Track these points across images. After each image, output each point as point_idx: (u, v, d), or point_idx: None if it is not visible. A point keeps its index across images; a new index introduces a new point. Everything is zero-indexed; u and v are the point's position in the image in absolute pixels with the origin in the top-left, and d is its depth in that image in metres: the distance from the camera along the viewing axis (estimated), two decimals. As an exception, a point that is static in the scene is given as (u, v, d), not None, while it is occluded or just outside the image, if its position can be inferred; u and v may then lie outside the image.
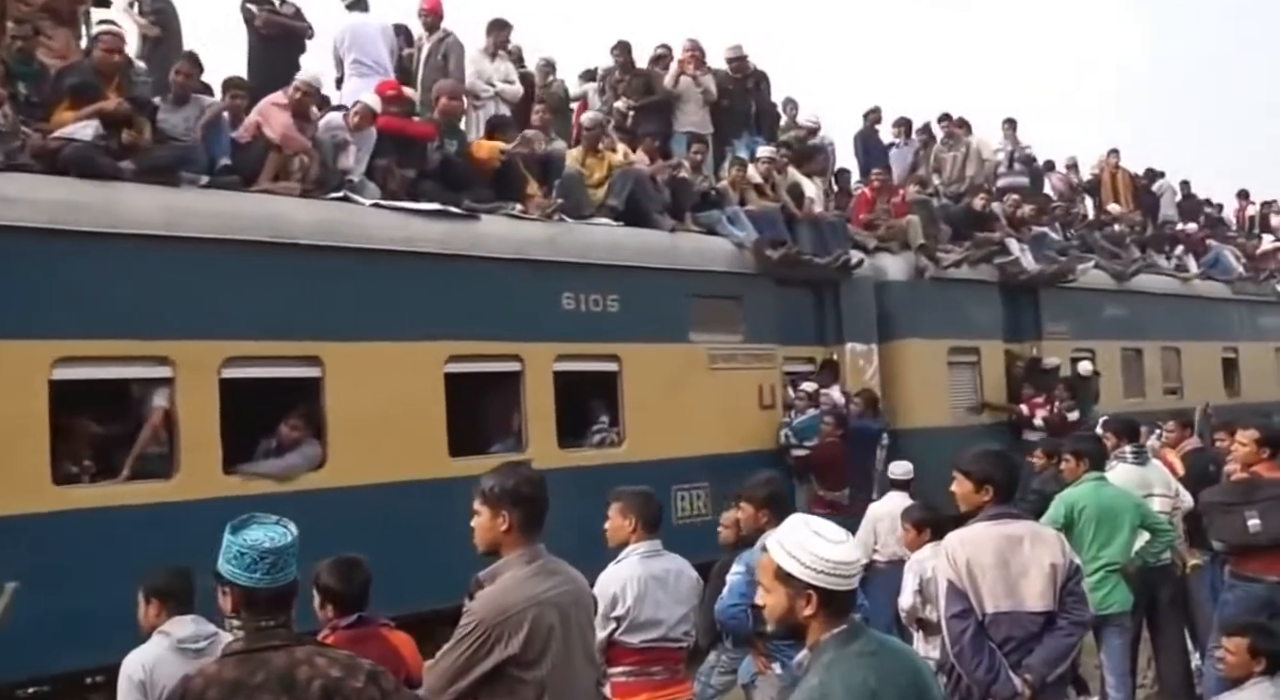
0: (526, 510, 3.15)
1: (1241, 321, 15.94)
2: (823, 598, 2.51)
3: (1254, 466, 5.91)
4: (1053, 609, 3.98)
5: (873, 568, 6.78)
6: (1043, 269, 11.85)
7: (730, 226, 8.97)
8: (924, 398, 10.60)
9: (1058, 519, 5.69)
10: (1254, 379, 15.78)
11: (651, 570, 4.35)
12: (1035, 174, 15.27)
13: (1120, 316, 13.47)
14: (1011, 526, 4.06)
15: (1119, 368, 13.28)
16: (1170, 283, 14.66)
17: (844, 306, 9.77)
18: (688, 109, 9.85)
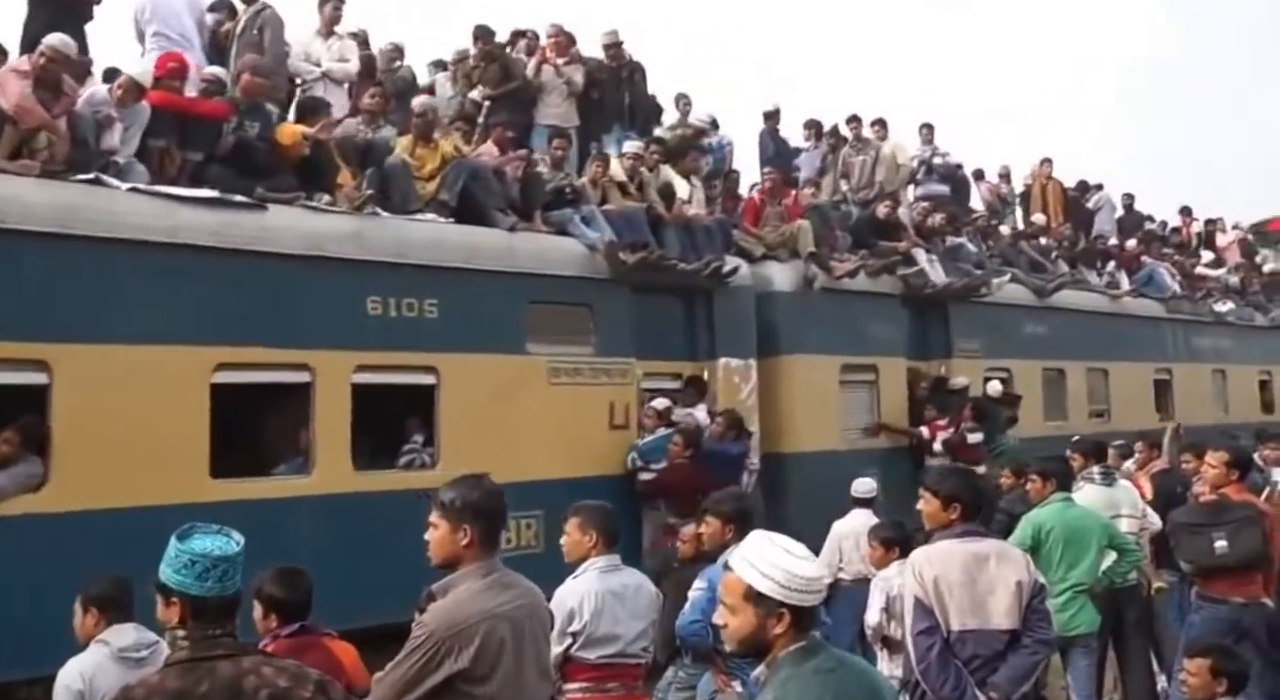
0: (488, 524, 3.16)
1: (1176, 342, 15.22)
2: (794, 615, 2.50)
3: (1223, 488, 5.99)
4: (1018, 627, 4.01)
5: (837, 586, 6.74)
6: (951, 282, 11.07)
7: (583, 227, 8.12)
8: (811, 419, 9.76)
9: (1025, 540, 5.68)
10: (1188, 402, 15.04)
11: (609, 585, 4.35)
12: (961, 182, 14.56)
13: (1041, 335, 12.70)
14: (978, 544, 4.11)
15: (1039, 389, 12.51)
16: (1098, 300, 13.92)
17: (717, 318, 8.93)
18: (550, 100, 9.04)
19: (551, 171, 8.56)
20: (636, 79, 9.64)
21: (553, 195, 8.32)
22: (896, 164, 12.59)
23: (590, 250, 8.06)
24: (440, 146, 7.74)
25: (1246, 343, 16.98)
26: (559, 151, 8.59)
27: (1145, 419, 14.17)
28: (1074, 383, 13.09)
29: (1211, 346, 16.11)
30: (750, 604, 2.52)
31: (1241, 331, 16.91)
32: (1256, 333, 17.38)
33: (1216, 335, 16.29)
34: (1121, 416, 13.62)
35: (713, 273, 8.63)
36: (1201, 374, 15.69)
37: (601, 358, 8.05)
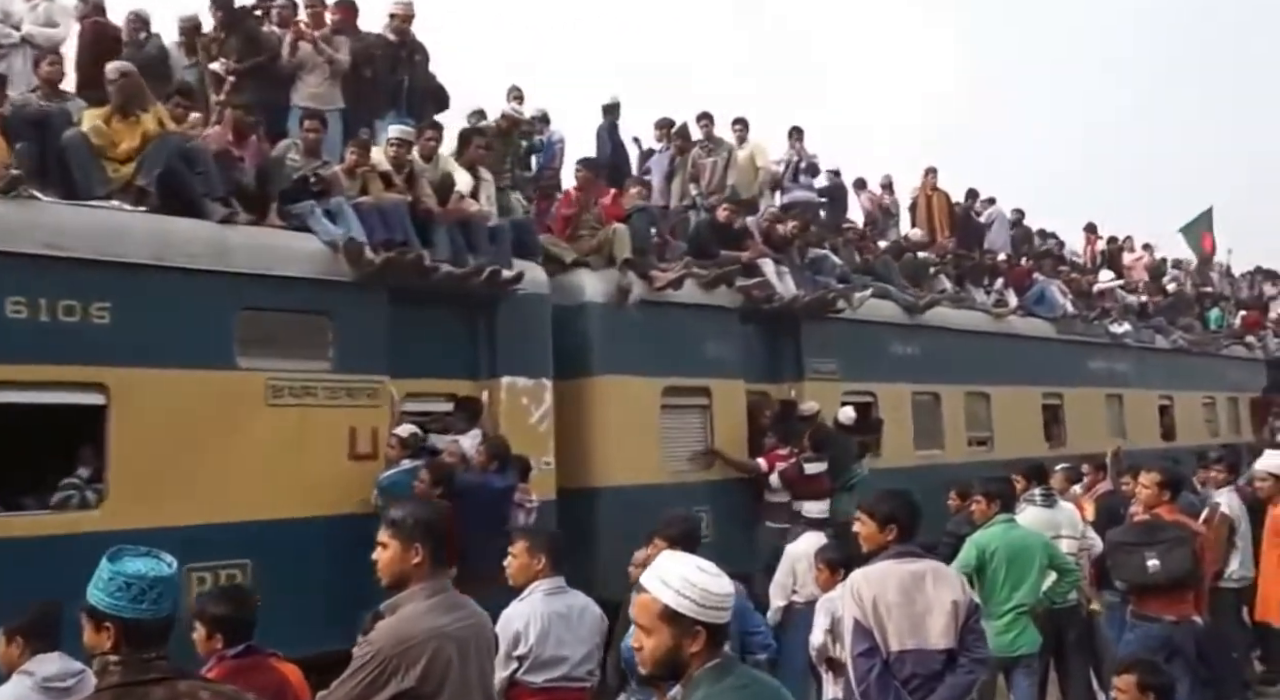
0: (438, 543, 3.20)
1: (1067, 364, 14.31)
2: (709, 633, 2.51)
3: (1156, 509, 6.19)
4: (954, 647, 4.05)
5: (791, 608, 6.81)
6: (798, 296, 9.98)
7: (325, 221, 6.89)
8: (627, 448, 8.57)
9: (969, 561, 5.80)
10: (1080, 428, 14.12)
11: (555, 608, 4.36)
12: (838, 191, 13.56)
13: (912, 355, 11.66)
14: (914, 564, 4.15)
15: (909, 415, 11.46)
16: (979, 318, 12.95)
17: (500, 331, 7.72)
18: (309, 79, 7.82)
19: (305, 159, 7.33)
20: (417, 60, 8.43)
21: (296, 185, 7.08)
22: (755, 167, 11.52)
23: (331, 248, 6.84)
24: (142, 123, 6.48)
25: (1146, 366, 16.15)
26: (311, 135, 7.36)
27: (1032, 446, 13.18)
28: (951, 408, 12.06)
29: (1107, 370, 15.24)
30: (666, 624, 2.52)
31: (1141, 354, 16.09)
32: (1157, 355, 16.57)
33: (1113, 358, 15.43)
34: (1006, 444, 12.62)
35: (491, 279, 7.43)
36: (1095, 399, 14.78)
37: (342, 374, 6.80)
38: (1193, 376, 17.50)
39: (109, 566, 2.59)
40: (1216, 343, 18.22)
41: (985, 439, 12.67)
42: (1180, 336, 17.30)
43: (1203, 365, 17.93)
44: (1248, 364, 19.53)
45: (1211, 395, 18.01)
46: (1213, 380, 18.14)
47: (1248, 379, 19.32)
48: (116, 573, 2.57)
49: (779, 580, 7.01)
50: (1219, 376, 18.38)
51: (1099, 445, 14.45)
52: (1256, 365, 19.79)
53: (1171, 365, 16.93)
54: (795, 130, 12.45)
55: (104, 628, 2.56)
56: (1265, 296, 22.61)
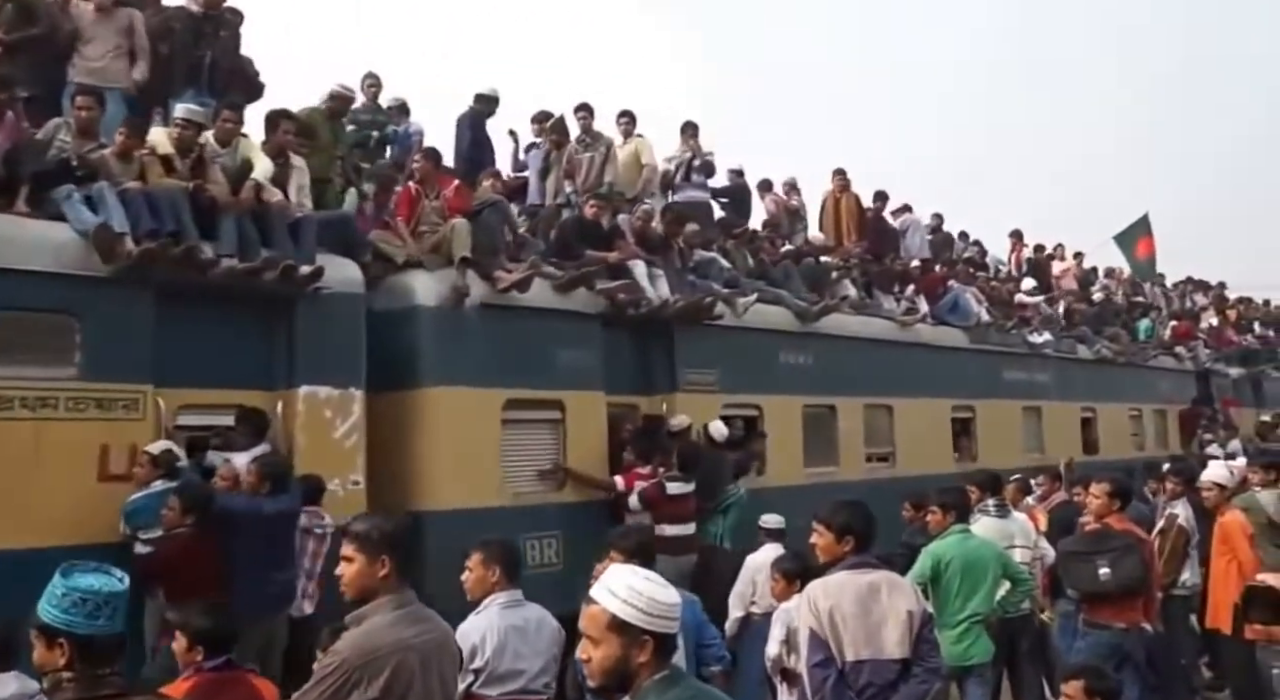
0: (404, 555, 3.20)
1: (980, 375, 13.65)
2: (656, 642, 2.52)
3: (1106, 518, 6.30)
4: (909, 656, 4.09)
5: (749, 619, 6.89)
6: (668, 300, 9.20)
7: (81, 208, 6.01)
8: (461, 467, 7.74)
9: (925, 572, 5.86)
10: (995, 442, 13.46)
11: (511, 621, 4.37)
12: (740, 191, 12.82)
13: (804, 365, 10.92)
14: (870, 575, 4.20)
15: (799, 429, 10.72)
16: (883, 327, 12.25)
17: (300, 335, 6.86)
18: (87, 52, 6.96)
19: (79, 141, 6.46)
20: (224, 36, 7.55)
21: (58, 169, 6.21)
22: (640, 164, 10.75)
23: (84, 238, 5.96)
24: None
25: (1067, 377, 15.56)
26: (84, 114, 6.49)
27: (939, 461, 12.52)
28: (848, 421, 11.33)
29: (1025, 381, 14.61)
30: (614, 634, 2.52)
31: (1062, 365, 15.49)
32: (1079, 366, 16.00)
33: (1031, 368, 14.81)
34: (910, 459, 11.94)
35: (285, 275, 6.58)
36: (1011, 411, 14.14)
37: (90, 383, 5.92)
38: (1118, 388, 16.94)
39: (62, 582, 2.59)
40: (1143, 354, 17.69)
41: (887, 455, 11.97)
42: (1105, 347, 16.75)
43: (1129, 376, 17.39)
44: (1177, 375, 19.05)
45: (1138, 407, 17.47)
46: (1140, 392, 17.60)
47: (1177, 390, 18.83)
48: (70, 588, 2.57)
49: (738, 590, 7.06)
50: (1146, 388, 17.86)
51: (1014, 460, 13.82)
52: (1186, 377, 19.33)
53: (1095, 376, 16.37)
54: (689, 126, 11.70)
55: (57, 644, 2.57)
56: (1196, 307, 22.22)
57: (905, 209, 15.36)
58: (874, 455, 11.80)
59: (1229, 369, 20.97)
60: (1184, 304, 21.91)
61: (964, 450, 13.25)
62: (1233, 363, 21.22)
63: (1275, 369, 22.49)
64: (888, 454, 11.98)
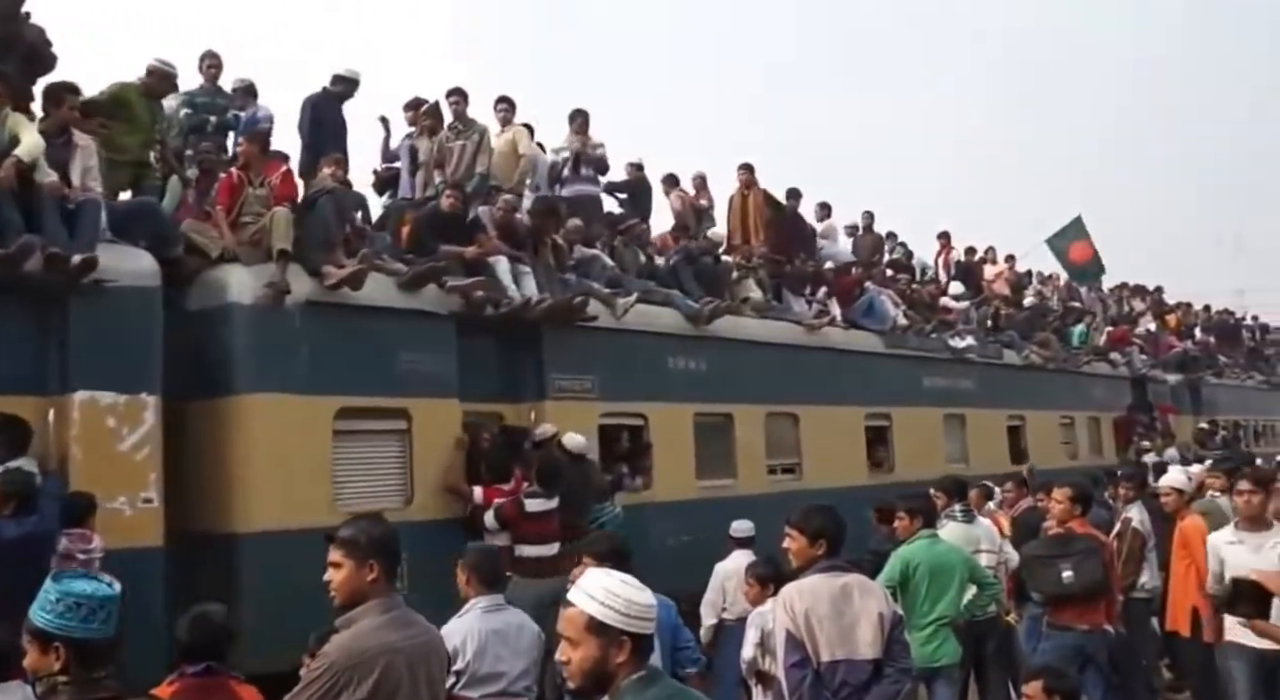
0: (391, 560, 3.23)
1: (897, 381, 13.03)
2: (634, 643, 2.56)
3: (1068, 523, 6.47)
4: (880, 657, 4.19)
5: (722, 626, 7.01)
6: (531, 299, 8.45)
7: None
8: (280, 483, 6.92)
9: (893, 576, 5.96)
10: (913, 451, 12.83)
11: (492, 624, 4.49)
12: (640, 186, 12.12)
13: (697, 371, 10.22)
14: (842, 578, 4.29)
15: (690, 438, 10.01)
16: (787, 330, 11.57)
17: (75, 333, 6.03)
18: None
19: None
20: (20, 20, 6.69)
21: None
22: (517, 155, 10.01)
23: None
24: None
25: (994, 384, 14.99)
26: None
27: (852, 472, 11.89)
28: (747, 431, 10.63)
29: (947, 387, 14.02)
30: (592, 635, 2.56)
31: (988, 371, 14.92)
32: (1007, 372, 15.44)
33: (954, 375, 14.21)
34: (819, 471, 11.27)
35: (51, 265, 5.76)
36: (931, 419, 13.53)
37: None
38: (1049, 395, 16.42)
39: (55, 588, 2.67)
40: (1076, 359, 17.18)
41: (793, 466, 11.29)
42: (1034, 352, 16.22)
43: (1061, 383, 16.88)
44: (1112, 382, 18.58)
45: (1070, 414, 16.96)
46: (1072, 399, 17.10)
47: (1111, 397, 18.36)
48: (65, 593, 2.66)
49: (709, 598, 7.16)
50: (1079, 395, 17.36)
51: (936, 469, 13.18)
52: (1121, 383, 18.86)
53: (1024, 383, 15.82)
54: (577, 114, 10.98)
55: (53, 649, 2.64)
56: (1134, 312, 21.82)
57: (824, 209, 14.78)
58: (778, 467, 11.10)
59: (1166, 375, 20.56)
60: (1121, 309, 21.51)
61: (880, 460, 12.62)
62: (1170, 369, 20.83)
63: (1214, 375, 22.15)
64: (793, 465, 11.29)
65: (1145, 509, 7.85)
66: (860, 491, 11.85)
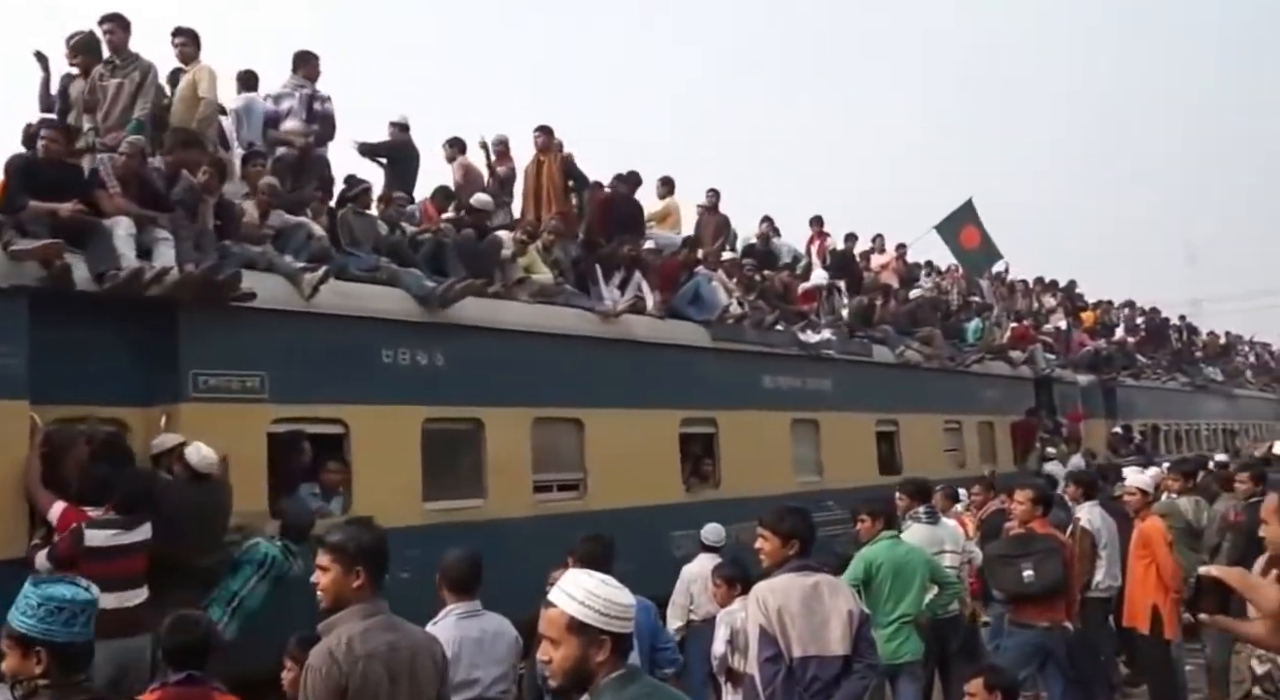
0: (379, 565, 3.33)
1: (729, 380, 11.14)
2: (614, 642, 2.62)
3: (1029, 523, 6.75)
4: (849, 653, 4.35)
5: (690, 626, 7.34)
6: (146, 271, 6.43)
7: None
8: None
9: (857, 575, 6.18)
10: (749, 462, 10.95)
11: (467, 631, 4.56)
12: (403, 150, 10.17)
13: (429, 367, 8.23)
14: (812, 577, 4.45)
15: (417, 449, 8.03)
16: (570, 318, 9.62)
17: None
18: None
19: None
20: None
21: None
22: (197, 97, 8.00)
23: None
24: None
25: (858, 384, 13.15)
26: None
27: (661, 490, 9.98)
28: (505, 440, 8.67)
29: (796, 388, 12.14)
30: (572, 635, 2.61)
31: (851, 370, 13.06)
32: (876, 371, 13.60)
33: (807, 373, 12.33)
34: (611, 488, 9.33)
35: None
36: (773, 424, 11.64)
37: None
38: (931, 396, 14.60)
39: (35, 592, 2.77)
40: (964, 357, 15.38)
41: (574, 482, 9.35)
42: (915, 349, 14.41)
43: (947, 383, 15.08)
44: (1011, 383, 16.81)
45: (956, 419, 15.13)
46: (960, 401, 15.29)
47: (1009, 400, 16.57)
48: (46, 598, 2.75)
49: (676, 601, 7.45)
50: (969, 397, 15.56)
51: (782, 482, 11.40)
52: (1023, 384, 17.10)
53: (899, 383, 13.99)
54: (303, 57, 9.00)
55: (34, 653, 2.73)
56: (1045, 309, 20.12)
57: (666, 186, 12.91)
58: (552, 483, 9.16)
59: (1077, 376, 18.86)
60: (1031, 305, 19.79)
61: (701, 473, 10.72)
62: (1081, 369, 19.14)
63: (1131, 377, 20.49)
64: (575, 482, 9.35)
65: (1103, 510, 8.06)
66: (674, 511, 9.98)
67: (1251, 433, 25.97)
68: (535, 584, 4.51)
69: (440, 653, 3.49)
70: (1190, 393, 22.87)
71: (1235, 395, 25.45)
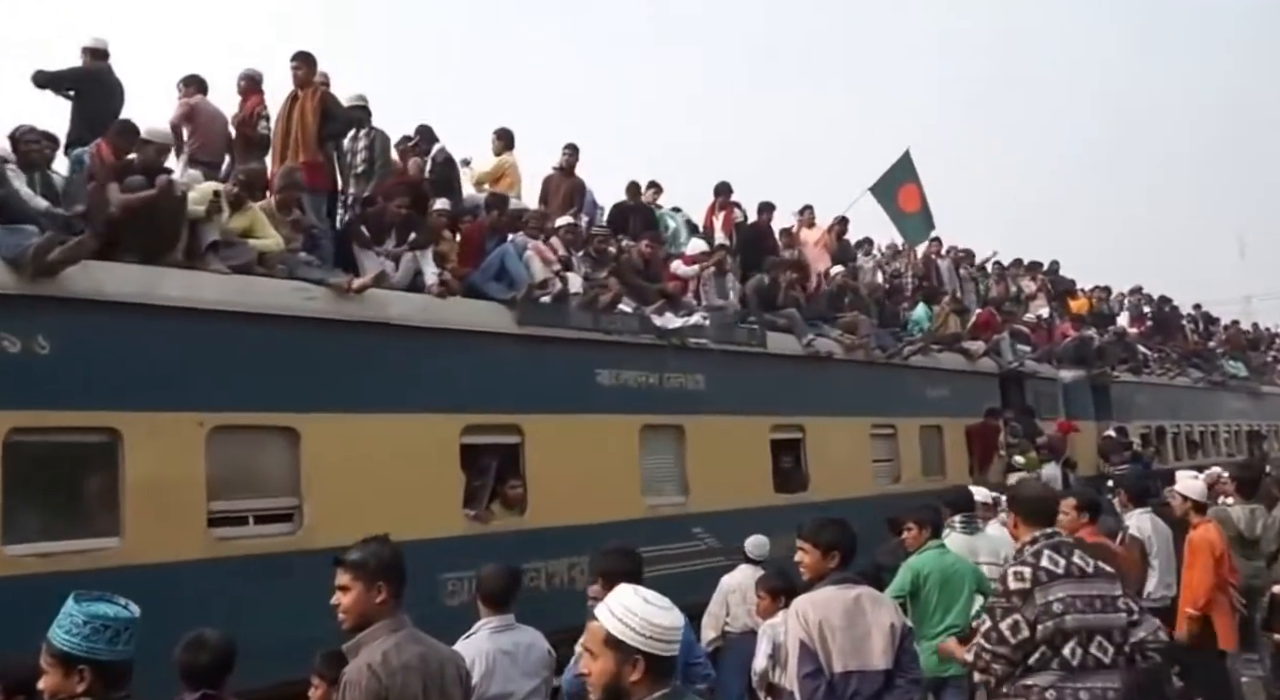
0: (400, 582, 3.35)
1: (540, 376, 8.72)
2: (649, 662, 2.59)
3: (1078, 532, 6.44)
4: (891, 668, 4.27)
5: (725, 639, 7.36)
6: None
7: None
8: None
9: (905, 586, 6.27)
10: (566, 481, 8.52)
11: (500, 644, 4.54)
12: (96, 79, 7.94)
13: (24, 358, 5.96)
14: (854, 590, 4.42)
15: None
16: (290, 294, 7.26)
17: None
18: None
19: None
20: None
21: None
22: None
23: None
24: None
25: (745, 380, 10.65)
26: None
27: (424, 522, 7.57)
28: (157, 458, 6.33)
29: (649, 386, 9.67)
30: (609, 649, 2.60)
31: (734, 363, 10.57)
32: (771, 365, 11.06)
33: (668, 368, 9.84)
34: (336, 521, 6.85)
35: None
36: (615, 432, 9.19)
37: None
38: (855, 396, 12.07)
39: (79, 610, 2.75)
40: (898, 349, 12.77)
41: (287, 512, 6.99)
42: (835, 338, 11.89)
43: (878, 380, 12.51)
44: (969, 379, 14.17)
45: (890, 423, 12.53)
46: (895, 401, 12.70)
47: (966, 399, 13.91)
48: (91, 616, 2.75)
49: (712, 612, 7.48)
50: (909, 396, 12.96)
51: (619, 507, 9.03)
52: (984, 381, 14.45)
53: (808, 380, 11.47)
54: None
55: (76, 671, 2.74)
56: (1024, 294, 17.41)
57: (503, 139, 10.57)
58: (246, 514, 6.83)
59: (1059, 371, 16.16)
60: (1007, 289, 17.08)
61: (506, 497, 8.31)
62: (1067, 363, 16.42)
63: (1131, 371, 17.69)
64: (290, 511, 7.01)
65: (1156, 516, 7.85)
66: (446, 550, 7.62)
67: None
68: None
69: (464, 667, 3.54)
70: (1206, 390, 19.94)
71: (1262, 393, 22.40)
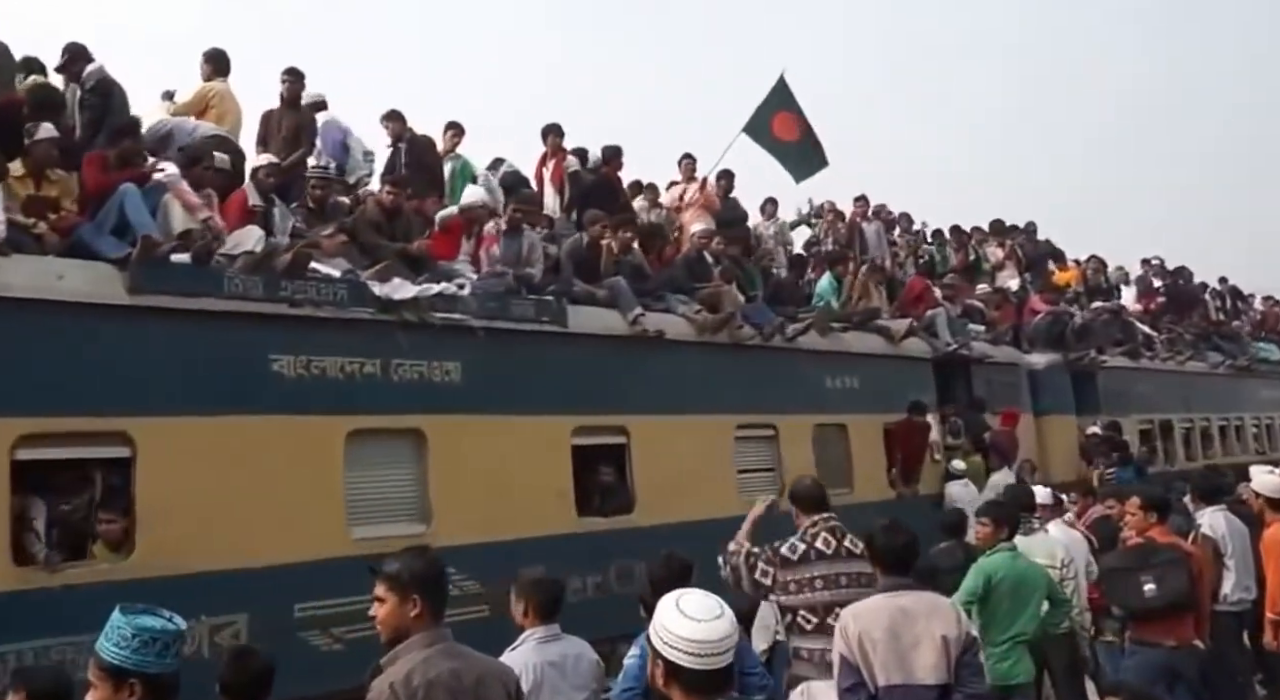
0: (436, 594, 3.26)
1: (163, 365, 6.29)
2: (670, 669, 2.56)
3: (1147, 531, 6.23)
4: (947, 681, 4.05)
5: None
6: None
7: None
8: None
9: (975, 589, 5.94)
10: (215, 512, 6.12)
11: (547, 656, 4.44)
12: None
13: None
14: (905, 598, 4.21)
15: None
16: None
17: None
18: None
19: None
20: None
21: None
22: None
23: None
24: None
25: (532, 369, 8.12)
26: None
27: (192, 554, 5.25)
28: None
29: (367, 377, 7.19)
30: (653, 651, 2.60)
31: (513, 346, 8.03)
32: (575, 347, 8.49)
33: (409, 354, 7.37)
34: None
35: None
36: (301, 438, 6.72)
37: None
38: (712, 388, 9.45)
39: (128, 623, 2.76)
40: (774, 327, 10.09)
41: None
42: (682, 314, 9.34)
43: (751, 368, 9.87)
44: (889, 365, 11.43)
45: (769, 422, 9.87)
46: (777, 394, 10.03)
47: (887, 391, 11.18)
48: (140, 629, 2.76)
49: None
50: (798, 388, 10.29)
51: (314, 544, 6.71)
52: (912, 367, 11.69)
53: (638, 368, 8.90)
54: None
55: (126, 685, 2.74)
56: (991, 264, 14.56)
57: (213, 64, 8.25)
58: None
59: (1030, 355, 13.32)
60: (966, 258, 14.24)
61: (110, 536, 5.92)
62: (1040, 344, 13.57)
63: (1128, 354, 14.73)
64: None
65: (1229, 514, 7.40)
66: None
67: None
68: None
69: (514, 682, 3.41)
70: (1228, 376, 16.80)
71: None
